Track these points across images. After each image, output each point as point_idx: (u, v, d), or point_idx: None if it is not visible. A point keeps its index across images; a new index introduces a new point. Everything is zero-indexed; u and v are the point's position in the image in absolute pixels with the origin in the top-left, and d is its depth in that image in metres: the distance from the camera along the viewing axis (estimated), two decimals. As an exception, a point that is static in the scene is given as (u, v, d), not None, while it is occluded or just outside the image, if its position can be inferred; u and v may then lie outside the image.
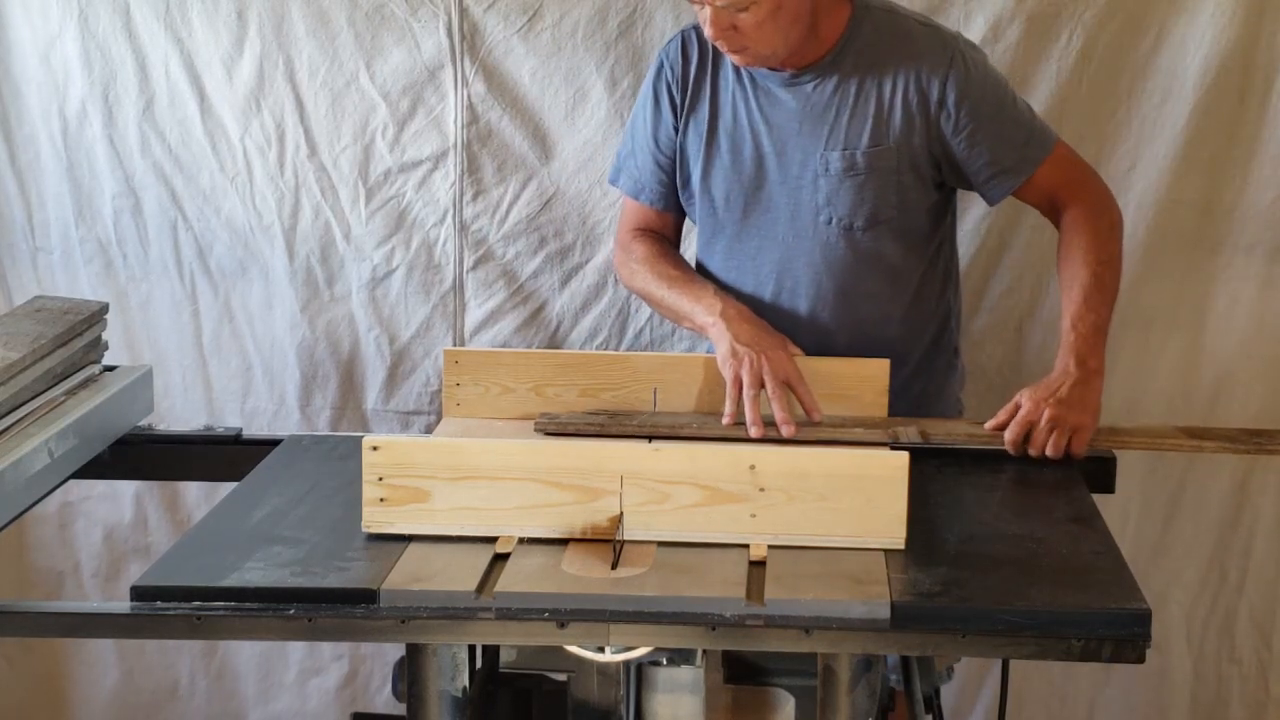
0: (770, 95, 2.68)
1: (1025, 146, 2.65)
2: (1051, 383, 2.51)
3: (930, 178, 2.68)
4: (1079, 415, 2.49)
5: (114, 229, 3.31)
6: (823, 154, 2.65)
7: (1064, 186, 2.67)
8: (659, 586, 2.08)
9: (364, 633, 2.11)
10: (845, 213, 2.66)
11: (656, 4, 3.08)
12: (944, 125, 2.62)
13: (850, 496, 2.18)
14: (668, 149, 2.78)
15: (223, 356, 3.37)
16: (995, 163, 2.64)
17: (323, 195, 3.25)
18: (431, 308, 3.29)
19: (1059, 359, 2.55)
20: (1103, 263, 2.61)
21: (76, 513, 3.49)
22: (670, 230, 2.86)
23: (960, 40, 2.68)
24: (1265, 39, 2.99)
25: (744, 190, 2.71)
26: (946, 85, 2.60)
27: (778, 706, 2.36)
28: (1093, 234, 2.62)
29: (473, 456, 2.22)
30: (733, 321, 2.60)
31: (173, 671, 3.57)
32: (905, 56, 2.62)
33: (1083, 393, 2.50)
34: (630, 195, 2.84)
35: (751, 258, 2.74)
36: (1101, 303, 2.59)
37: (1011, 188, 2.67)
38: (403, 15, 3.13)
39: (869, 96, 2.63)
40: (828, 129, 2.65)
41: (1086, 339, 2.55)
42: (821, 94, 2.65)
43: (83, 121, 3.25)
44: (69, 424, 2.49)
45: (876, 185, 2.65)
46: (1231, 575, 3.26)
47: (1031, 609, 2.03)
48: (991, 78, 2.67)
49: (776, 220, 2.71)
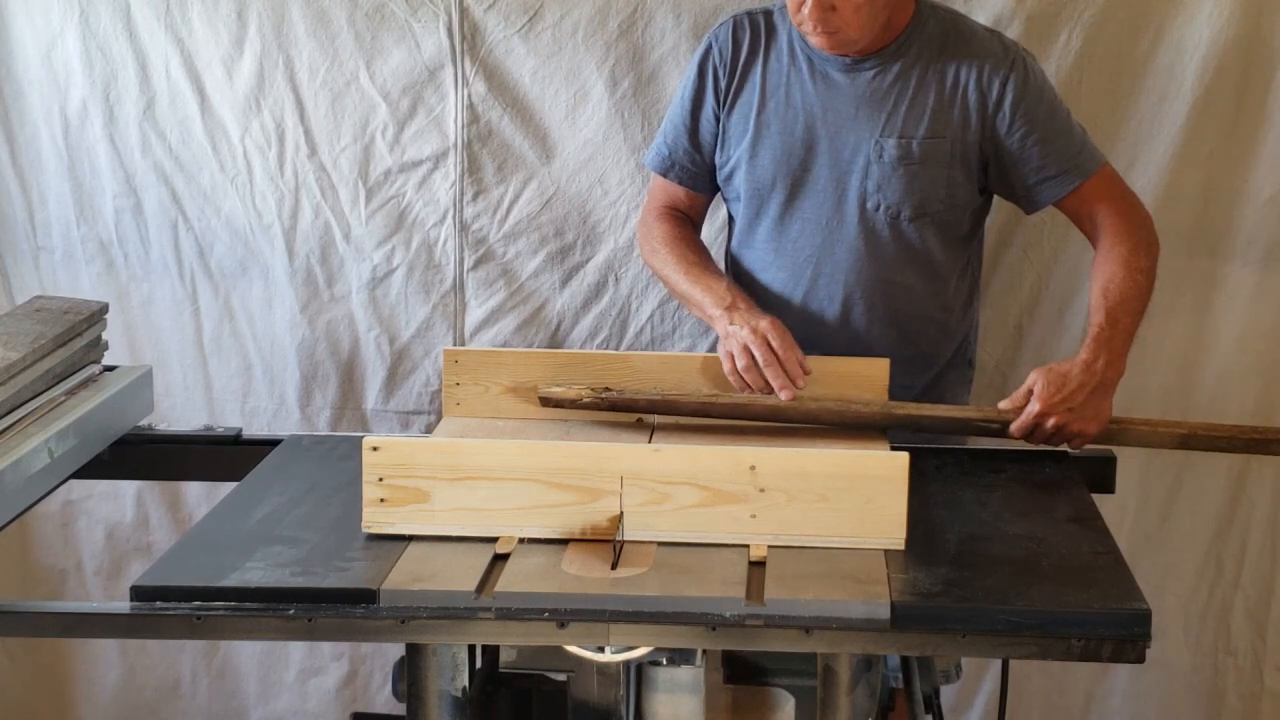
0: (828, 79, 2.70)
1: (1077, 157, 2.68)
2: (1070, 380, 2.49)
3: (978, 178, 2.71)
4: (1085, 424, 2.50)
5: (115, 228, 3.31)
6: (878, 140, 2.67)
7: (1109, 202, 2.69)
8: (659, 586, 2.08)
9: (364, 633, 2.11)
10: (894, 200, 2.68)
11: (657, 4, 3.08)
12: (999, 125, 2.65)
13: (850, 496, 2.18)
14: (706, 129, 2.79)
15: (223, 356, 3.37)
16: (1044, 168, 2.67)
17: (323, 195, 3.25)
18: (431, 307, 3.29)
19: (1088, 348, 2.53)
20: (1142, 271, 2.62)
21: (79, 511, 3.49)
22: (696, 212, 2.88)
23: (1022, 48, 2.72)
24: (1263, 39, 3.00)
25: (791, 172, 2.73)
26: (1006, 86, 2.64)
27: (778, 706, 2.37)
28: (1134, 245, 2.63)
29: (473, 456, 2.23)
30: (737, 312, 2.60)
31: (174, 670, 3.57)
32: (969, 54, 2.66)
33: (1098, 404, 2.50)
34: (659, 172, 2.85)
35: (793, 241, 2.76)
36: (1136, 310, 2.59)
37: (1058, 195, 2.69)
38: (403, 15, 3.13)
39: (929, 88, 2.66)
40: (885, 116, 2.67)
41: (1118, 340, 2.54)
42: (882, 81, 2.67)
43: (84, 121, 3.25)
44: (69, 424, 2.49)
45: (928, 176, 2.67)
46: (1227, 568, 3.27)
47: (1031, 609, 2.04)
48: (1049, 89, 2.71)
49: (822, 204, 2.72)
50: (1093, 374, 2.50)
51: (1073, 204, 2.71)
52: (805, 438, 2.49)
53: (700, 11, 3.05)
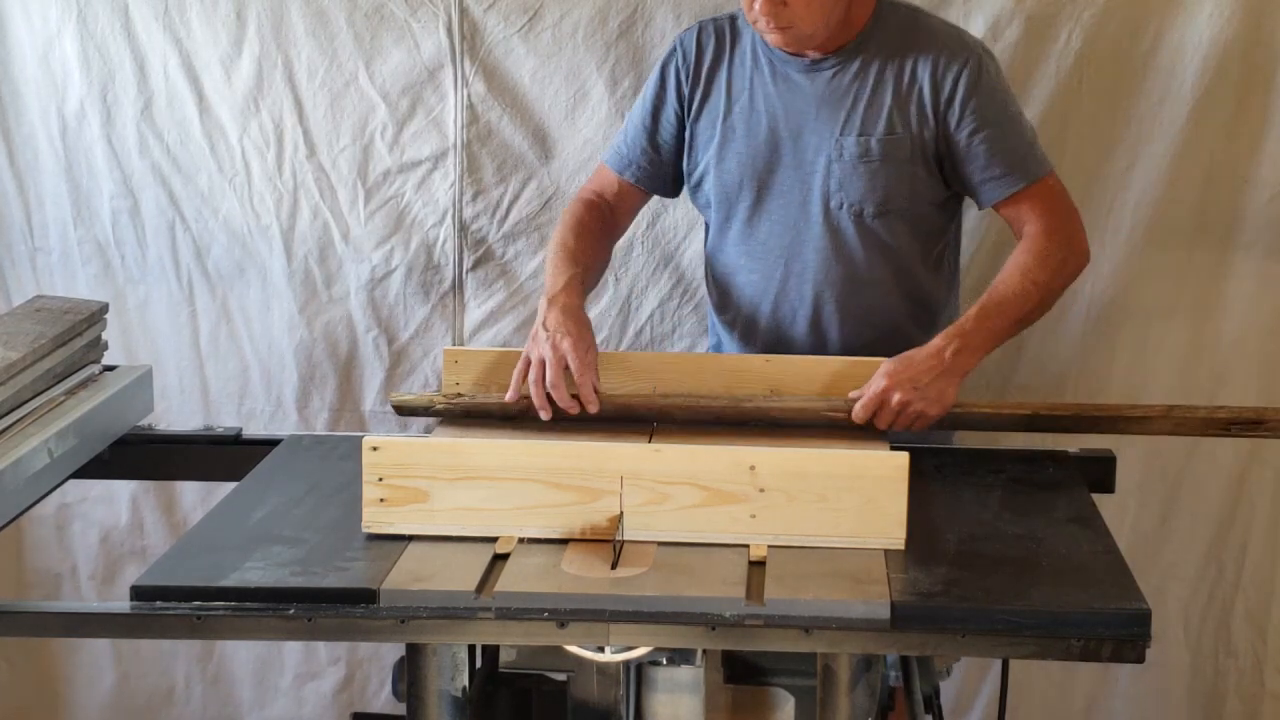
0: (789, 80, 2.71)
1: (1023, 161, 2.67)
2: (917, 363, 2.51)
3: (938, 173, 2.71)
4: (928, 405, 2.50)
5: (112, 230, 3.31)
6: (838, 139, 2.68)
7: (1042, 213, 2.67)
8: (659, 586, 2.08)
9: (364, 633, 2.11)
10: (857, 198, 2.69)
11: (656, 4, 3.08)
12: (950, 120, 2.65)
13: (850, 496, 2.18)
14: (665, 131, 2.80)
15: (220, 358, 3.37)
16: (989, 167, 2.66)
17: (321, 196, 3.24)
18: (431, 308, 3.29)
19: (943, 335, 2.55)
20: (1036, 284, 2.61)
21: (74, 515, 3.49)
22: (622, 203, 2.86)
23: (981, 46, 2.72)
24: (1264, 38, 3.00)
25: (757, 174, 2.73)
26: (959, 82, 2.64)
27: (777, 706, 2.36)
28: (1042, 257, 2.63)
29: (473, 456, 2.23)
30: (554, 309, 2.57)
31: (169, 675, 3.56)
32: (926, 51, 2.66)
33: (943, 386, 2.51)
34: (617, 170, 2.84)
35: (762, 243, 2.76)
36: (1012, 316, 2.60)
37: (999, 196, 2.68)
38: (402, 15, 3.13)
39: (887, 85, 2.67)
40: (845, 114, 2.68)
41: (978, 335, 2.55)
42: (841, 80, 2.68)
43: (81, 122, 3.25)
44: (69, 424, 2.49)
45: (889, 173, 2.67)
46: (1228, 570, 3.26)
47: (1031, 609, 2.03)
48: (1003, 88, 2.71)
49: (788, 205, 2.73)
50: (940, 359, 2.51)
51: (1009, 209, 2.70)
52: (805, 438, 2.49)
53: (700, 12, 3.05)
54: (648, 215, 3.08)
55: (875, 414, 2.50)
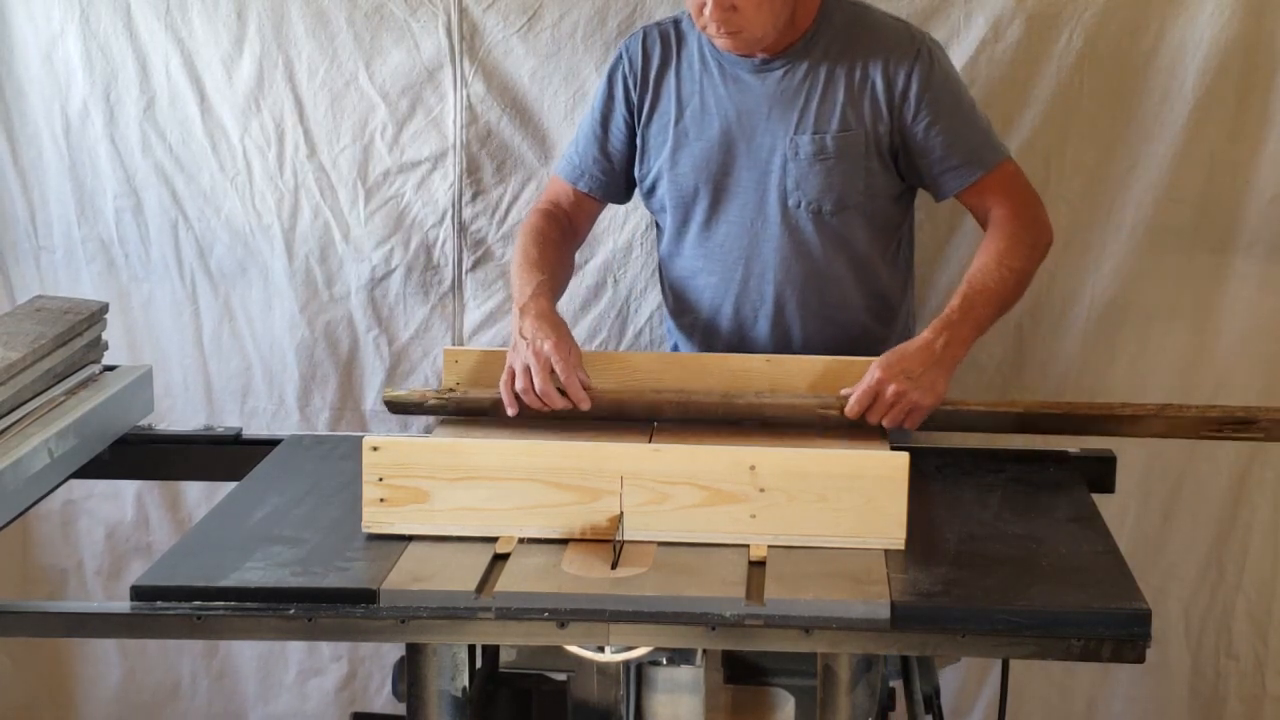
0: (740, 81, 2.71)
1: (980, 149, 2.69)
2: (910, 355, 2.52)
3: (893, 167, 2.72)
4: (922, 396, 2.50)
5: (115, 228, 3.31)
6: (792, 138, 2.68)
7: (1004, 198, 2.70)
8: (659, 586, 2.08)
9: (364, 633, 2.11)
10: (814, 196, 2.70)
11: (656, 4, 3.08)
12: (905, 114, 2.67)
13: (850, 496, 2.18)
14: (615, 139, 2.81)
15: (222, 357, 3.37)
16: (947, 158, 2.68)
17: (322, 195, 3.25)
18: (430, 308, 3.29)
19: (932, 328, 2.56)
20: (1013, 270, 2.63)
21: (79, 511, 3.49)
22: (578, 213, 2.87)
23: (928, 38, 2.73)
24: (1264, 38, 2.99)
25: (712, 177, 2.74)
26: (912, 76, 2.65)
27: (777, 706, 2.37)
28: (1013, 241, 2.65)
29: (473, 456, 2.23)
30: (528, 316, 2.58)
31: (174, 671, 3.57)
32: (875, 46, 2.68)
33: (935, 377, 2.52)
34: (569, 181, 2.85)
35: (720, 245, 2.77)
36: (994, 304, 2.61)
37: (959, 186, 2.70)
38: (402, 15, 3.13)
39: (839, 82, 2.68)
40: (797, 114, 2.69)
41: (965, 326, 2.57)
42: (792, 79, 2.69)
43: (84, 121, 3.25)
44: (69, 424, 2.49)
45: (845, 170, 2.68)
46: (1229, 572, 3.26)
47: (1031, 609, 2.03)
48: (954, 79, 2.73)
49: (745, 206, 2.74)
50: (932, 351, 2.52)
51: (971, 197, 2.72)
52: (805, 437, 2.49)
53: (700, 12, 3.05)
54: (647, 216, 3.08)
55: (870, 407, 2.50)
